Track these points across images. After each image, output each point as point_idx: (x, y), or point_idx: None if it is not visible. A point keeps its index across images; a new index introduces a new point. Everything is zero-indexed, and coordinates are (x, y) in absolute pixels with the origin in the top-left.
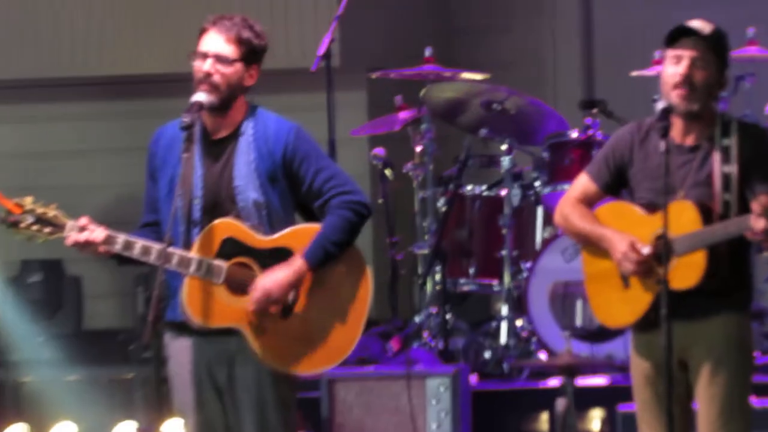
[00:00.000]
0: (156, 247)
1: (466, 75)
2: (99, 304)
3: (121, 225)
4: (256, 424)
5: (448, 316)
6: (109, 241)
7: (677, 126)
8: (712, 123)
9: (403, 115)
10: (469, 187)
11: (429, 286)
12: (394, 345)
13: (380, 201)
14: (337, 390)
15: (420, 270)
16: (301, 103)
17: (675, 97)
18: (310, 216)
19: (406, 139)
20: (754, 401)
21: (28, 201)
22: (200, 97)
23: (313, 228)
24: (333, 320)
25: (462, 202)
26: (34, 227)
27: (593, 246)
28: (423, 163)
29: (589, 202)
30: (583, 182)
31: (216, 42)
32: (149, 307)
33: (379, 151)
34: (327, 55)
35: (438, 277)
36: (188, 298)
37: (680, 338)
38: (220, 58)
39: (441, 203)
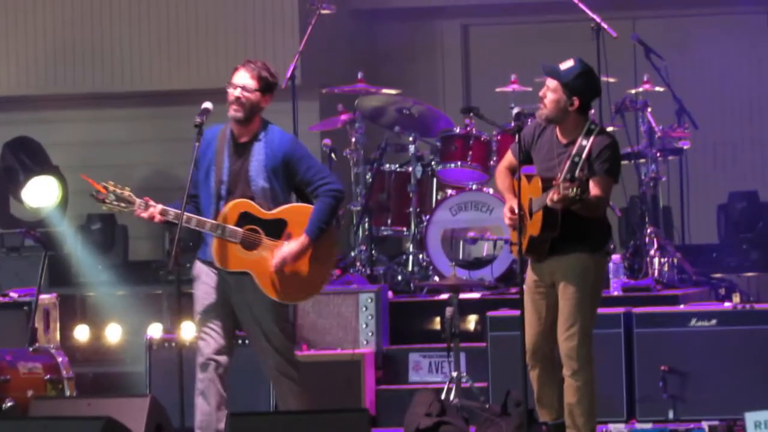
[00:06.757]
0: (194, 216)
1: (386, 90)
2: (139, 244)
3: (155, 191)
4: (259, 328)
5: (373, 252)
6: (163, 213)
7: (558, 129)
8: (581, 128)
9: (343, 117)
10: (387, 166)
11: (360, 232)
12: (337, 271)
13: None
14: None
15: (354, 221)
16: (275, 108)
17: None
18: (302, 197)
19: (345, 133)
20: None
21: (111, 184)
22: (208, 104)
23: (303, 206)
24: (320, 270)
25: (382, 175)
26: (115, 203)
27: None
28: (356, 149)
29: (512, 170)
30: (508, 156)
31: (243, 77)
32: (172, 246)
33: (327, 141)
34: (292, 77)
35: (366, 225)
36: (215, 250)
37: (550, 266)
38: (245, 88)
39: (368, 176)
